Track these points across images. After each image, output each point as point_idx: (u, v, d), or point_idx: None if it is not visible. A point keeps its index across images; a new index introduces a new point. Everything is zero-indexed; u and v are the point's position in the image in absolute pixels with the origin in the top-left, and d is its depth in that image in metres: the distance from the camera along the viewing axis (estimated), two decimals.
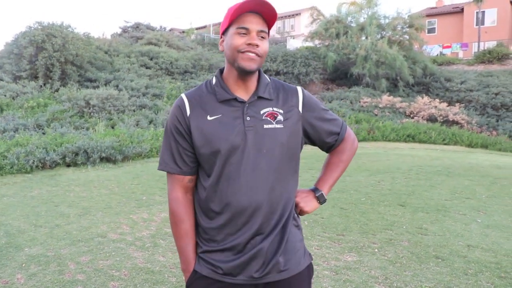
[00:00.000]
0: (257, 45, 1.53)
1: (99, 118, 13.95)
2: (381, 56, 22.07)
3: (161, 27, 31.36)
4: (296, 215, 1.70)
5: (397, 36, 24.41)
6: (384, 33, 24.63)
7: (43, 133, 11.86)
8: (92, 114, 14.18)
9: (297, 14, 45.21)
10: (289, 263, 1.61)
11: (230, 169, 1.55)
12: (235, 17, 1.53)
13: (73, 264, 4.10)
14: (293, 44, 30.70)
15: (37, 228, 5.25)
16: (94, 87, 16.75)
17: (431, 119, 19.03)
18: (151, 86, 18.10)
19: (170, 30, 33.91)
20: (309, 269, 1.70)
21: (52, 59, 16.27)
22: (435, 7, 40.62)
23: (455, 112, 19.16)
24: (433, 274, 3.90)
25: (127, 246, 4.61)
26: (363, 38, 24.19)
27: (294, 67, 23.26)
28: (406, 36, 24.54)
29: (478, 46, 31.44)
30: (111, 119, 14.22)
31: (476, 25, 33.77)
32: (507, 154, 14.81)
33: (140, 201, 6.64)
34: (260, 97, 1.61)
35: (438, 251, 4.50)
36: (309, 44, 27.03)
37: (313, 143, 1.76)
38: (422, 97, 20.89)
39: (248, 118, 1.57)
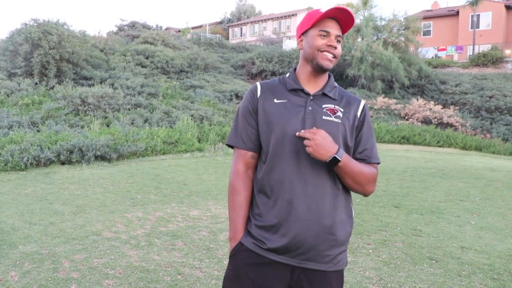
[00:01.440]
0: (335, 47, 1.71)
1: (94, 116, 13.91)
2: (377, 57, 22.14)
3: (157, 26, 31.32)
4: (351, 212, 1.78)
5: (393, 38, 24.49)
6: (380, 35, 24.70)
7: (38, 131, 11.81)
8: (87, 112, 14.13)
9: (293, 15, 45.26)
10: (329, 257, 1.67)
11: (285, 152, 1.67)
12: (317, 21, 1.70)
13: (67, 262, 4.08)
14: (289, 45, 30.76)
15: (31, 225, 5.23)
16: (89, 85, 16.69)
17: (426, 121, 19.11)
18: (147, 85, 18.06)
19: (166, 29, 33.89)
20: (342, 273, 1.75)
21: (48, 56, 16.19)
22: (431, 10, 40.80)
23: (450, 114, 19.25)
24: (427, 275, 3.92)
25: (122, 245, 4.61)
26: (359, 39, 24.26)
27: (290, 68, 23.24)
28: (402, 38, 24.62)
29: (473, 49, 31.62)
30: (106, 118, 14.18)
31: (471, 28, 33.96)
32: (500, 157, 14.90)
33: (135, 200, 6.63)
34: (324, 94, 1.76)
35: (432, 252, 4.52)
36: None
37: (348, 150, 1.79)
38: (417, 99, 20.98)
39: (310, 108, 1.71)
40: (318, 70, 1.73)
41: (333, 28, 1.70)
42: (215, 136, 13.51)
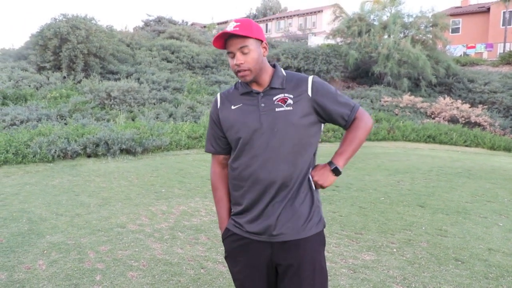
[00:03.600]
0: (242, 63, 1.84)
1: (119, 110, 14.10)
2: (404, 55, 21.77)
3: (183, 21, 31.53)
4: (313, 187, 1.94)
5: (420, 35, 24.04)
6: (407, 32, 24.28)
7: (65, 124, 12.04)
8: (113, 106, 14.33)
9: (319, 11, 44.90)
10: (294, 228, 1.88)
11: (249, 148, 1.88)
12: (222, 47, 1.89)
13: (92, 253, 4.16)
14: (315, 41, 30.56)
15: (58, 216, 5.34)
16: (115, 79, 16.93)
17: (453, 120, 18.73)
18: (172, 79, 18.20)
19: (191, 25, 34.07)
20: (319, 236, 1.95)
21: (76, 50, 16.48)
22: (460, 7, 39.88)
23: (478, 113, 18.81)
24: (453, 276, 3.85)
25: (146, 238, 4.66)
26: (386, 36, 23.89)
27: (315, 64, 23.12)
28: (430, 35, 24.14)
29: (504, 47, 30.78)
30: (132, 112, 14.35)
31: (503, 25, 33.05)
32: None
33: (159, 194, 6.70)
34: (272, 88, 1.91)
35: (458, 253, 4.44)
36: (331, 41, 26.82)
37: (328, 122, 1.99)
38: (444, 98, 20.56)
39: (262, 105, 1.88)
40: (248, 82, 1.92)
41: (232, 46, 1.84)
42: None
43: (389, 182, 8.09)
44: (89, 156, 9.79)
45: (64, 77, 16.72)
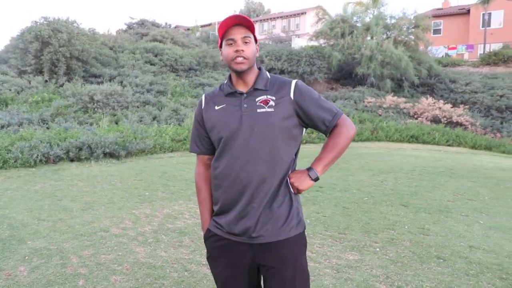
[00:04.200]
0: (242, 50, 1.87)
1: (103, 113, 13.99)
2: (387, 56, 21.99)
3: (166, 24, 31.40)
4: (291, 190, 1.95)
5: (402, 36, 24.31)
6: (390, 33, 24.53)
7: (47, 128, 11.90)
8: (96, 109, 14.21)
9: (302, 13, 45.14)
10: (274, 230, 1.88)
11: (229, 148, 1.90)
12: (223, 32, 1.90)
13: (75, 257, 4.12)
14: (298, 43, 30.67)
15: (40, 221, 5.28)
16: (98, 83, 16.79)
17: (435, 120, 18.97)
18: (156, 82, 18.12)
19: (175, 27, 33.94)
20: (300, 237, 1.95)
21: (58, 54, 16.31)
22: (441, 8, 40.46)
23: (459, 113, 19.08)
24: (434, 274, 3.90)
25: (129, 241, 4.63)
26: (369, 38, 24.10)
27: (298, 66, 23.22)
28: (412, 37, 24.43)
29: (484, 48, 31.29)
30: (115, 115, 14.25)
31: (482, 26, 33.62)
32: (510, 156, 14.75)
33: (142, 197, 6.66)
34: (256, 89, 1.93)
35: (440, 251, 4.50)
36: (314, 43, 26.97)
37: (309, 127, 2.00)
38: (427, 98, 20.81)
39: (245, 105, 1.91)
40: (238, 73, 1.92)
41: (237, 33, 1.88)
42: None
43: (372, 182, 8.16)
44: (72, 160, 9.69)
45: (46, 81, 16.52)
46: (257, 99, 1.91)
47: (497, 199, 7.02)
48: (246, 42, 1.89)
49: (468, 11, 35.86)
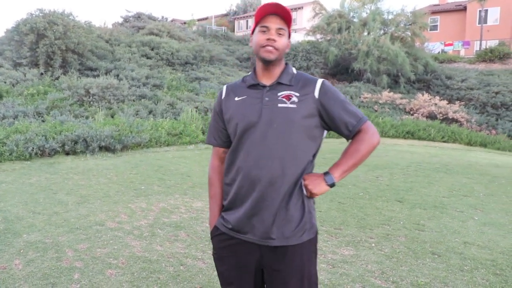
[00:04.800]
0: (274, 40, 1.81)
1: (98, 107, 13.92)
2: (383, 52, 21.99)
3: (162, 17, 31.26)
4: (305, 193, 1.85)
5: (399, 32, 24.31)
6: (387, 29, 24.52)
7: (43, 121, 11.84)
8: (92, 103, 14.14)
9: (299, 8, 45.02)
10: (285, 234, 1.81)
11: (245, 141, 1.84)
12: (259, 18, 1.84)
13: (71, 251, 4.11)
14: (295, 38, 30.60)
15: (35, 215, 5.26)
16: (94, 76, 16.70)
17: (431, 116, 19.01)
18: (152, 76, 18.04)
19: (171, 21, 33.82)
20: (311, 243, 1.88)
21: (53, 46, 16.19)
22: (438, 5, 40.44)
23: (455, 110, 19.13)
24: (429, 269, 3.92)
25: (125, 235, 4.63)
26: (365, 33, 24.10)
27: (295, 61, 23.19)
28: (409, 33, 24.44)
29: (480, 45, 31.36)
30: (111, 108, 14.18)
31: (479, 23, 33.65)
32: (505, 153, 14.82)
33: (138, 191, 6.66)
34: (280, 83, 1.87)
35: (435, 247, 4.52)
36: (311, 38, 26.93)
37: (331, 129, 1.92)
38: (423, 94, 20.85)
39: (266, 99, 1.84)
40: (265, 62, 1.85)
41: (273, 23, 1.82)
42: None
43: (368, 177, 8.18)
44: (67, 154, 9.65)
45: (42, 74, 16.41)
46: (279, 94, 1.84)
47: (491, 196, 7.06)
48: (279, 34, 1.83)
49: (465, 7, 35.88)
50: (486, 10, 33.32)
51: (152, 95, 16.12)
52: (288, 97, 1.83)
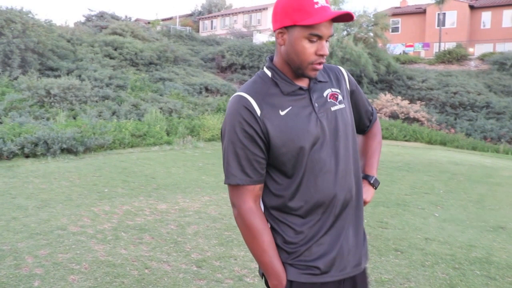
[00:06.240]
0: (326, 54, 1.44)
1: (60, 108, 13.57)
2: (347, 53, 22.38)
3: (126, 17, 30.84)
4: None
5: (362, 33, 24.79)
6: (350, 30, 24.95)
7: (0, 123, 11.44)
8: (53, 104, 13.76)
9: (264, 9, 45.23)
10: (364, 257, 1.60)
11: (314, 162, 1.44)
12: (312, 23, 1.36)
13: (30, 257, 3.98)
14: (259, 39, 30.75)
15: None
16: (55, 76, 16.27)
17: (393, 116, 19.47)
18: (115, 77, 17.73)
19: (135, 21, 33.34)
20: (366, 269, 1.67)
21: (11, 45, 15.68)
22: (399, 7, 41.48)
23: (416, 109, 19.68)
24: (392, 266, 4.00)
25: (88, 239, 4.52)
26: None
27: (259, 62, 23.30)
28: (371, 34, 24.96)
29: (439, 46, 32.35)
30: (73, 110, 13.85)
31: (438, 26, 34.72)
32: (463, 151, 15.33)
33: (102, 193, 6.52)
34: (320, 81, 1.55)
35: (398, 244, 4.62)
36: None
37: None
38: (385, 94, 21.34)
39: (316, 105, 1.48)
40: (302, 76, 1.49)
41: (327, 28, 1.39)
42: (184, 129, 13.40)
43: None
44: (27, 157, 9.35)
45: None
46: (324, 94, 1.52)
47: (451, 192, 7.28)
48: (327, 41, 1.45)
49: (425, 10, 36.97)
50: (444, 14, 34.42)
51: (115, 96, 15.84)
52: (335, 97, 1.53)
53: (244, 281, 3.63)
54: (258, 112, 1.43)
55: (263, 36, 32.10)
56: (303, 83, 1.50)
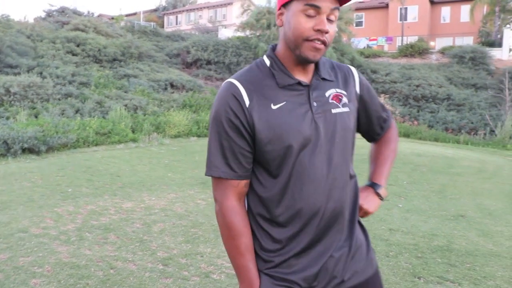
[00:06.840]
0: (326, 32, 1.27)
1: (20, 107, 13.16)
2: None
3: (88, 12, 30.15)
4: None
5: None
6: None
7: None
8: (12, 102, 13.33)
9: (229, 4, 45.06)
10: (361, 264, 1.47)
11: (303, 166, 1.32)
12: None
13: None
14: (225, 34, 30.63)
15: None
16: (15, 74, 15.74)
17: None
18: (78, 74, 17.31)
19: (98, 16, 32.64)
20: (378, 273, 1.55)
21: None
22: (363, 2, 42.09)
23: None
24: None
25: (51, 241, 4.42)
26: None
27: (225, 57, 23.21)
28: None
29: (402, 40, 33.05)
30: (35, 108, 13.46)
31: (400, 20, 35.49)
32: (426, 143, 15.74)
33: (65, 194, 6.38)
34: (324, 79, 1.40)
35: None
36: (241, 34, 27.05)
37: (359, 128, 1.58)
38: None
39: (315, 104, 1.34)
40: (302, 61, 1.34)
41: (327, 1, 1.26)
42: (150, 126, 13.25)
43: None
44: None
45: None
46: (327, 94, 1.38)
47: (414, 184, 7.47)
48: (331, 20, 1.29)
49: (387, 5, 37.69)
50: (406, 8, 35.20)
51: (78, 94, 15.48)
52: (338, 98, 1.39)
53: (211, 277, 3.63)
54: (247, 102, 1.31)
55: (228, 31, 31.98)
56: (305, 78, 1.37)
